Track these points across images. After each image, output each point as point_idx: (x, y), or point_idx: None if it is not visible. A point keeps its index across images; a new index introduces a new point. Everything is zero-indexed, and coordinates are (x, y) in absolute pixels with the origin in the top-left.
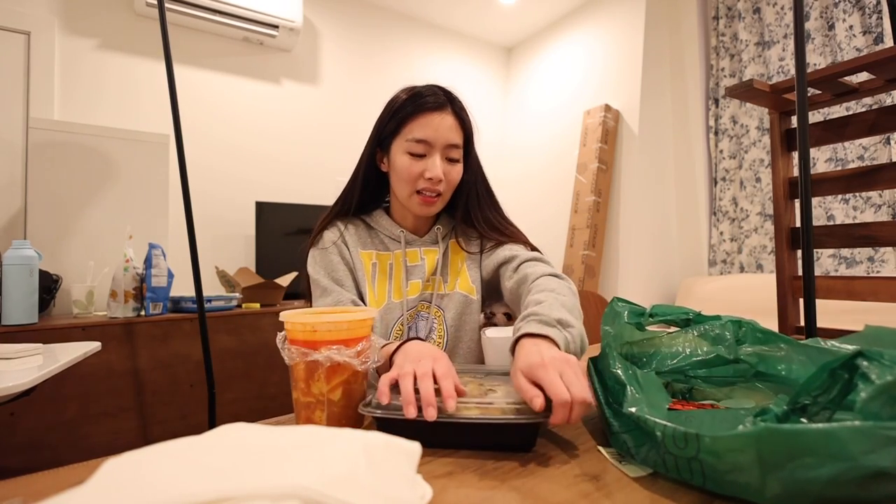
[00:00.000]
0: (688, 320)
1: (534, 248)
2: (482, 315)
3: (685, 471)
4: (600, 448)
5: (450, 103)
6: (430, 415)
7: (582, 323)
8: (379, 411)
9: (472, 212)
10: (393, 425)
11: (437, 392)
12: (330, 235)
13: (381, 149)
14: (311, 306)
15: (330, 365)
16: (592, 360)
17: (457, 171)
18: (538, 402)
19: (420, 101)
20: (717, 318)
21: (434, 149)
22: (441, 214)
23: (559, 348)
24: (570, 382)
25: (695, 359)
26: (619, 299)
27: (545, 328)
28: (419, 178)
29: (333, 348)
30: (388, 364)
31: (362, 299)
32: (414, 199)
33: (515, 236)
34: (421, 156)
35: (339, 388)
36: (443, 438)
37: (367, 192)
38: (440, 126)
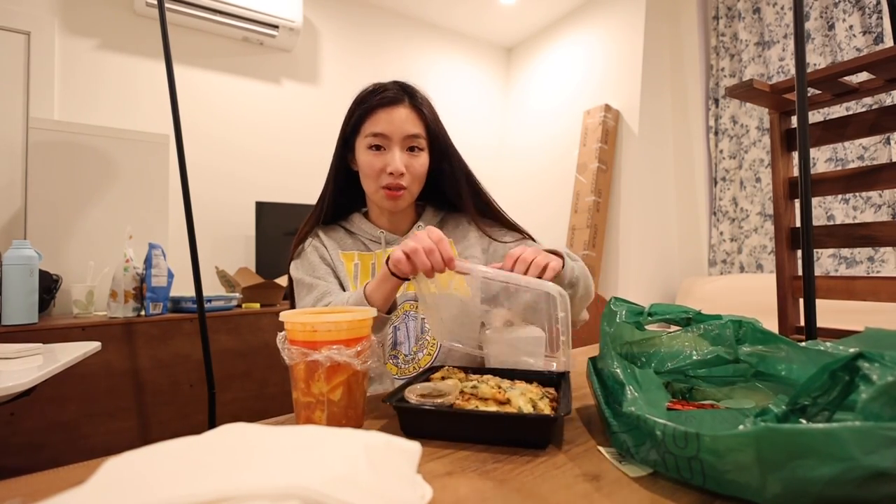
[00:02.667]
0: (688, 319)
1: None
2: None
3: (685, 470)
4: (600, 448)
5: (407, 97)
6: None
7: (589, 284)
8: (405, 403)
9: (481, 199)
10: (415, 417)
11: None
12: (308, 242)
13: (349, 150)
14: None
15: (330, 365)
16: (592, 360)
17: (419, 162)
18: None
19: (375, 98)
20: (718, 317)
21: (392, 141)
22: (426, 210)
23: (563, 262)
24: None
25: (695, 358)
26: (618, 299)
27: (559, 251)
28: (381, 173)
29: (333, 348)
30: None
31: None
32: (380, 194)
33: (521, 229)
34: (381, 150)
35: (340, 388)
36: (462, 431)
37: (342, 195)
38: (395, 119)
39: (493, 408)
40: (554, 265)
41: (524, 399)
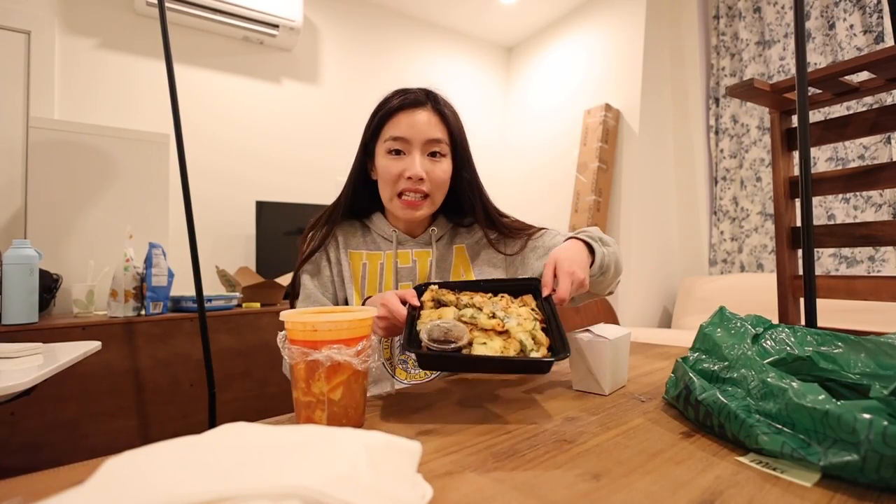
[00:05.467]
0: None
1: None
2: None
3: (888, 469)
4: (741, 458)
5: (429, 101)
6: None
7: (619, 264)
8: (427, 348)
9: (490, 212)
10: (437, 361)
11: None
12: (321, 248)
13: (368, 157)
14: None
15: (330, 364)
16: (684, 361)
17: (442, 168)
18: (545, 291)
19: (396, 102)
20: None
21: (412, 146)
22: (438, 215)
23: (594, 258)
24: (566, 282)
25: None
26: (730, 312)
27: (590, 241)
28: (399, 179)
29: (334, 348)
30: None
31: (346, 302)
32: (395, 203)
33: (531, 228)
34: (400, 154)
35: (340, 388)
36: (473, 368)
37: (360, 203)
38: (416, 122)
39: (495, 340)
40: (580, 277)
41: (524, 332)
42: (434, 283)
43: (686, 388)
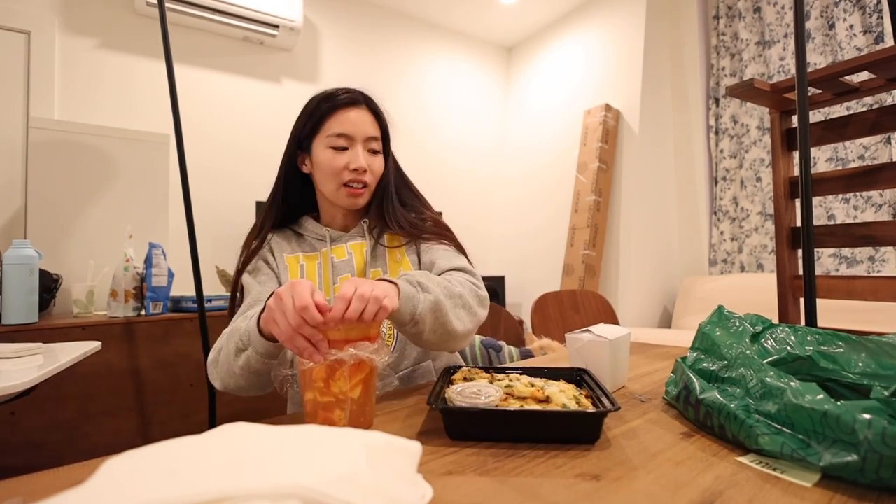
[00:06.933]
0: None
1: (457, 245)
2: None
3: (887, 469)
4: (741, 459)
5: (364, 101)
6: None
7: (448, 326)
8: (456, 404)
9: (386, 213)
10: (464, 418)
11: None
12: (259, 253)
13: (302, 151)
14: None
15: (353, 363)
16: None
17: (378, 162)
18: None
19: (335, 100)
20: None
21: (355, 141)
22: (369, 208)
23: (399, 293)
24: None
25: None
26: (728, 311)
27: (400, 281)
28: (344, 171)
29: (352, 347)
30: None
31: None
32: (342, 192)
33: (440, 234)
34: (343, 149)
35: (359, 387)
36: (516, 432)
37: (292, 197)
38: (358, 120)
39: (532, 406)
40: (386, 304)
41: (566, 396)
42: (466, 367)
43: (686, 388)
